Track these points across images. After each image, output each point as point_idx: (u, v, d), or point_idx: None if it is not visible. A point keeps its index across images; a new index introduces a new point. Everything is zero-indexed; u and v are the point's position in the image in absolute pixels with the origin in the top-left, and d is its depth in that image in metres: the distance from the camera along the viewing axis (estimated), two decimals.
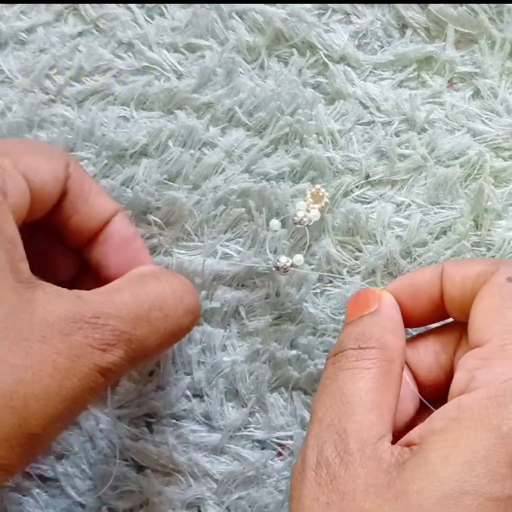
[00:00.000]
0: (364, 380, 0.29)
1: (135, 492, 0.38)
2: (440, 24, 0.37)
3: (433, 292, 0.32)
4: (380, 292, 0.33)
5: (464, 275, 0.31)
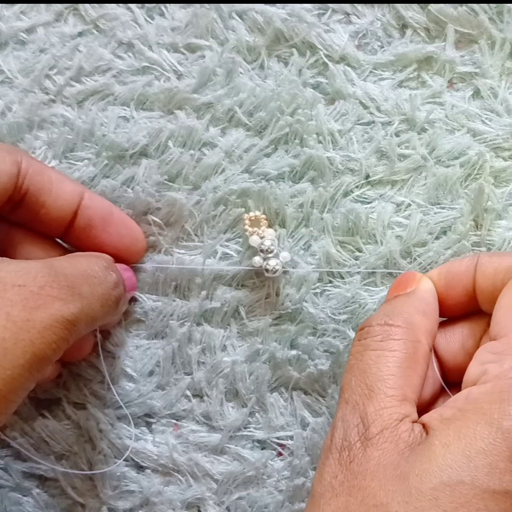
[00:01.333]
0: (388, 364, 0.29)
1: (135, 492, 0.38)
2: (440, 24, 0.37)
3: (468, 282, 0.32)
4: (420, 276, 0.33)
5: (496, 266, 0.31)
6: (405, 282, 0.33)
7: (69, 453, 0.38)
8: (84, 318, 0.30)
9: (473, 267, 0.32)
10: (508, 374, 0.27)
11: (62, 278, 0.30)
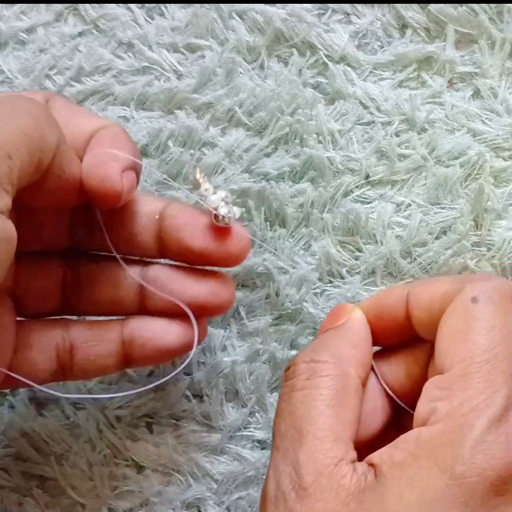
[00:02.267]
0: (316, 404, 0.28)
1: (135, 492, 0.38)
2: (440, 24, 0.37)
3: (398, 314, 0.31)
4: (351, 308, 0.32)
5: (430, 295, 0.30)
6: (336, 315, 0.32)
7: (69, 453, 0.38)
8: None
9: (403, 298, 0.31)
10: (458, 412, 0.26)
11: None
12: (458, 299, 0.29)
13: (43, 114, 0.28)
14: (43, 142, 0.27)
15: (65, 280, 0.33)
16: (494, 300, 0.28)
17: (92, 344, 0.32)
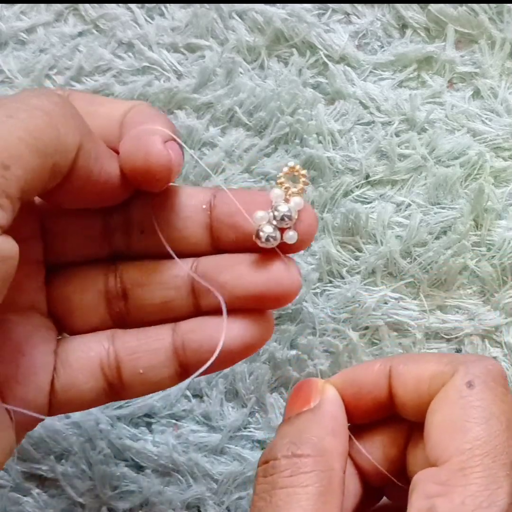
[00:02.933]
0: (301, 504, 0.26)
1: (135, 492, 0.38)
2: (440, 24, 0.37)
3: (379, 393, 0.29)
4: (322, 385, 0.30)
5: (417, 376, 0.28)
6: (306, 394, 0.29)
7: (69, 453, 0.38)
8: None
9: (385, 375, 0.29)
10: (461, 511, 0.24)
11: None
12: (451, 383, 0.27)
13: (59, 110, 0.25)
14: (59, 143, 0.24)
15: (109, 291, 0.30)
16: (490, 385, 0.27)
17: (139, 356, 0.29)
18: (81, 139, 0.25)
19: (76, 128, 0.25)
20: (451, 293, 0.37)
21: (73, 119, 0.25)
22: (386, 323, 0.37)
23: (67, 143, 0.24)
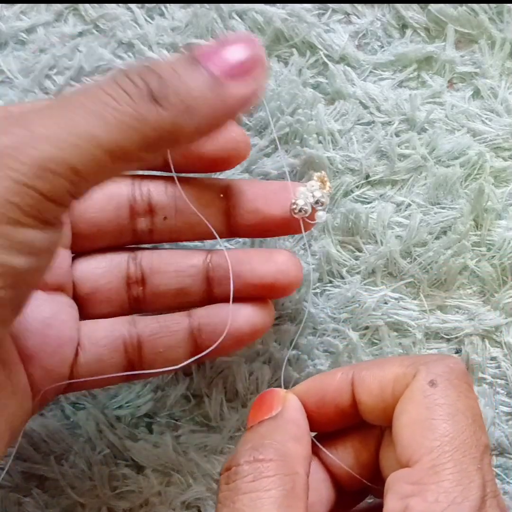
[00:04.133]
0: (265, 508, 0.25)
1: (135, 492, 0.38)
2: (440, 24, 0.37)
3: (342, 401, 0.29)
4: (285, 394, 0.30)
5: (380, 380, 0.28)
6: (268, 403, 0.29)
7: (69, 453, 0.38)
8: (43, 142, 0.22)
9: (347, 382, 0.29)
10: (435, 509, 0.24)
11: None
12: (414, 384, 0.27)
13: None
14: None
15: (129, 276, 0.33)
16: (453, 382, 0.27)
17: (160, 336, 0.32)
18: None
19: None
20: (451, 293, 0.37)
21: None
22: (386, 323, 0.37)
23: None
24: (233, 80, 0.25)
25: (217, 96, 0.24)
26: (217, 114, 0.25)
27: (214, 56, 0.25)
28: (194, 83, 0.24)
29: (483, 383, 0.37)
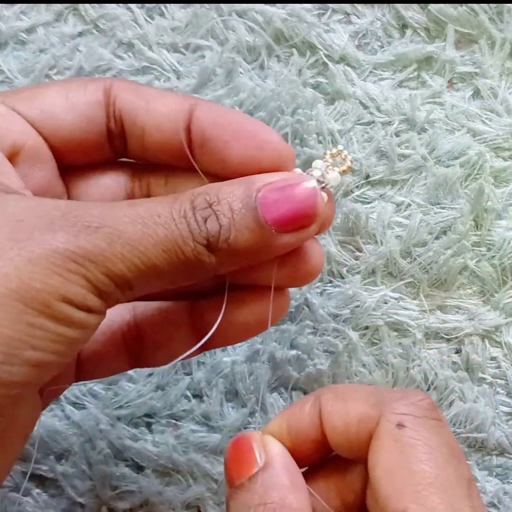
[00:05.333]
0: None
1: (135, 492, 0.38)
2: (440, 24, 0.37)
3: (317, 435, 0.28)
4: (262, 439, 0.27)
5: (344, 419, 0.27)
6: (247, 453, 0.27)
7: (69, 453, 0.38)
8: (116, 258, 0.23)
9: (317, 415, 0.28)
10: None
11: (82, 213, 0.24)
12: (382, 429, 0.26)
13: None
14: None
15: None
16: (420, 421, 0.25)
17: (160, 328, 0.30)
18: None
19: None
20: (451, 293, 0.37)
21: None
22: (386, 323, 0.37)
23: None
24: (286, 233, 0.26)
25: (266, 245, 0.25)
26: (259, 259, 0.26)
27: (274, 206, 0.25)
28: (250, 235, 0.25)
29: (483, 383, 0.37)
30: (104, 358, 0.30)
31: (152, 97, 0.28)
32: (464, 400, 0.37)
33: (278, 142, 0.27)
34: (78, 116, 0.28)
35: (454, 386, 0.37)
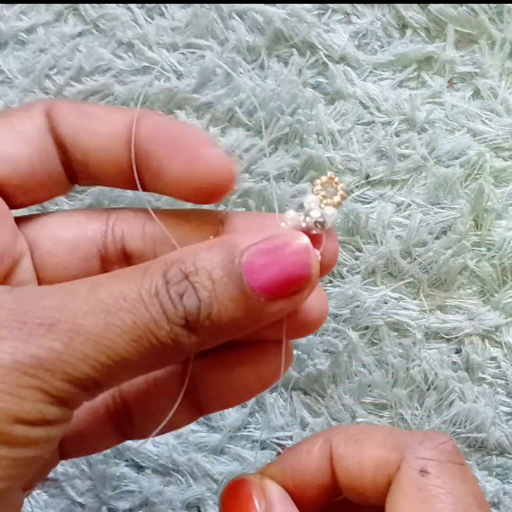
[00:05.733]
0: None
1: (135, 492, 0.38)
2: (440, 24, 0.37)
3: (324, 480, 0.26)
4: (261, 483, 0.26)
5: (360, 463, 0.25)
6: (245, 499, 0.25)
7: None
8: (76, 360, 0.20)
9: (326, 459, 0.26)
10: None
11: (33, 307, 0.21)
12: (403, 476, 0.24)
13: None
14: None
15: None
16: (446, 467, 0.24)
17: (150, 399, 0.26)
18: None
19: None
20: (451, 293, 0.37)
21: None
22: (386, 323, 0.37)
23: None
24: (274, 301, 0.22)
25: (254, 316, 0.22)
26: (248, 329, 0.23)
27: (261, 272, 0.22)
28: (235, 307, 0.22)
29: (483, 383, 0.37)
30: (88, 438, 0.27)
31: (95, 117, 0.25)
32: (464, 400, 0.37)
33: (214, 156, 0.24)
34: (33, 148, 0.24)
35: (454, 386, 0.37)
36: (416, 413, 0.37)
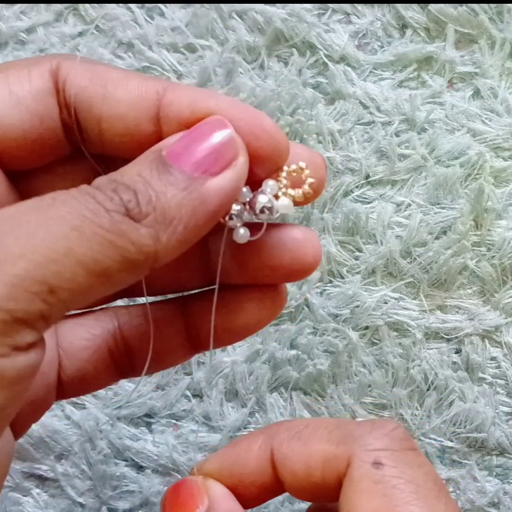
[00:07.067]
0: None
1: (135, 492, 0.38)
2: (440, 24, 0.37)
3: (263, 480, 0.25)
4: (203, 482, 0.25)
5: (306, 461, 0.24)
6: (189, 498, 0.25)
7: (69, 453, 0.38)
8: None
9: (267, 460, 0.24)
10: None
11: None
12: (356, 471, 0.23)
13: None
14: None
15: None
16: (399, 456, 0.23)
17: (151, 337, 0.26)
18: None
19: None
20: (451, 293, 0.37)
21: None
22: (386, 323, 0.37)
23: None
24: (211, 175, 0.22)
25: (195, 198, 0.21)
26: (199, 217, 0.21)
27: (184, 152, 0.22)
28: (170, 191, 0.21)
29: (483, 383, 0.37)
30: (89, 376, 0.27)
31: (111, 81, 0.23)
32: (464, 400, 0.37)
33: (275, 129, 0.23)
34: (26, 112, 0.23)
35: (454, 386, 0.37)
36: (416, 413, 0.37)
